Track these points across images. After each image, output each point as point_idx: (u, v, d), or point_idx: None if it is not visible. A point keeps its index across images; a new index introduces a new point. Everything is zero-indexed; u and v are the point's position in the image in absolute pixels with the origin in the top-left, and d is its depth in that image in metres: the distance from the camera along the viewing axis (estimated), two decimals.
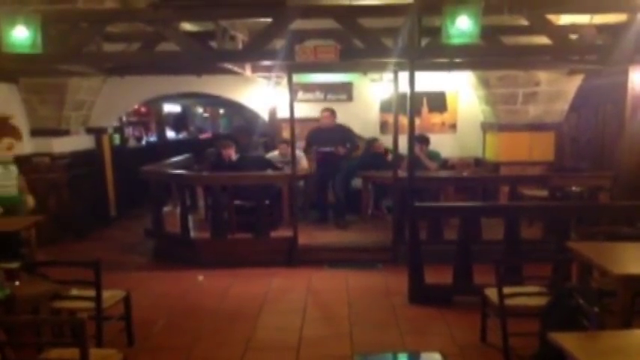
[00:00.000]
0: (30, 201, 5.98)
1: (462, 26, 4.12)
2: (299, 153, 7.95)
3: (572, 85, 7.30)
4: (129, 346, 4.06)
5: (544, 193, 6.98)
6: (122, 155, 9.53)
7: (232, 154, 7.42)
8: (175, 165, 7.81)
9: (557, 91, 7.33)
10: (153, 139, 14.31)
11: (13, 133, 5.80)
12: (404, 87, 5.17)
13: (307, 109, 8.41)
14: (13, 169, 5.93)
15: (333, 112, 7.34)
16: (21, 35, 4.24)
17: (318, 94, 8.51)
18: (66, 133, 7.63)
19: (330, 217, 7.46)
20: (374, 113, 8.54)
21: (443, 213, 6.03)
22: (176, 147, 12.04)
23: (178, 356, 4.00)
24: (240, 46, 5.34)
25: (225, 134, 15.09)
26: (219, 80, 8.04)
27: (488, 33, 4.81)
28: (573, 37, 5.21)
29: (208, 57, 5.16)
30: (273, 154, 7.88)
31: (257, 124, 9.47)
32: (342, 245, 6.45)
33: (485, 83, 7.51)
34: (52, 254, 6.17)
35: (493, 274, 3.70)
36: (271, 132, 8.82)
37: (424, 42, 4.71)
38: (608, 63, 5.36)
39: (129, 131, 13.05)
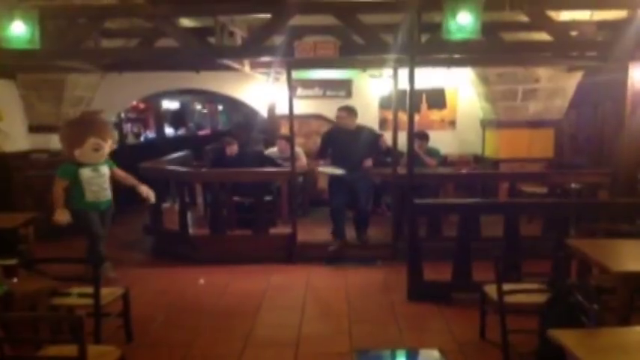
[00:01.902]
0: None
1: (463, 22, 4.10)
2: (298, 149, 7.94)
3: (572, 82, 7.29)
4: (127, 342, 4.05)
5: (543, 190, 6.98)
6: (120, 152, 9.48)
7: (235, 150, 7.47)
8: (174, 161, 7.80)
9: (557, 87, 7.32)
10: (151, 135, 14.29)
11: (100, 131, 5.16)
12: (403, 83, 5.16)
13: (306, 106, 8.42)
14: (104, 170, 5.30)
15: (350, 112, 6.05)
16: (19, 31, 4.22)
17: (317, 91, 8.50)
18: None
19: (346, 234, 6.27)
20: (373, 110, 8.53)
21: (442, 210, 6.02)
22: (175, 143, 12.01)
23: (177, 353, 3.99)
24: (239, 42, 5.32)
25: (225, 131, 15.07)
26: (217, 76, 8.03)
27: (488, 29, 4.79)
28: (573, 33, 5.20)
29: (207, 53, 5.13)
30: (272, 151, 7.87)
31: (256, 120, 9.45)
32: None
33: (484, 80, 7.50)
34: (51, 251, 6.15)
35: (492, 270, 3.69)
36: (270, 128, 8.80)
37: (424, 38, 4.70)
38: (608, 59, 5.35)
39: (127, 127, 13.03)
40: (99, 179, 5.22)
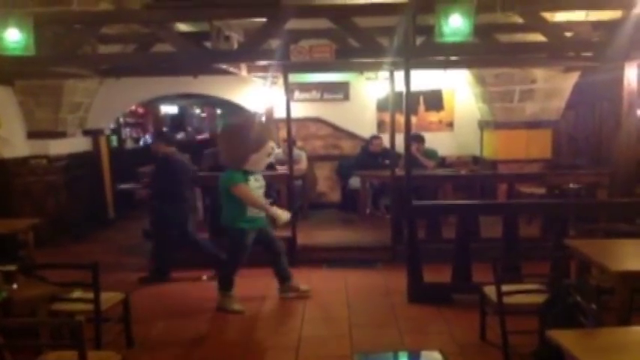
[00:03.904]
0: None
1: (455, 24, 4.12)
2: (300, 152, 7.95)
3: (569, 82, 7.30)
4: (128, 347, 4.05)
5: (542, 190, 6.99)
6: (120, 156, 9.51)
7: None
8: None
9: (554, 88, 7.33)
10: (150, 140, 14.28)
11: (273, 135, 4.77)
12: (400, 86, 5.17)
13: (304, 109, 8.43)
14: (263, 180, 4.81)
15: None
16: (13, 37, 4.22)
17: (315, 94, 8.51)
18: (63, 135, 7.62)
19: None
20: (370, 112, 8.54)
21: (441, 211, 6.03)
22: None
23: (177, 358, 3.99)
24: (235, 46, 5.32)
25: None
26: (215, 81, 8.04)
27: (484, 31, 4.81)
28: (569, 34, 5.21)
29: (203, 57, 5.14)
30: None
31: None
32: (341, 245, 6.44)
33: (481, 81, 7.52)
34: (50, 256, 6.14)
35: (492, 272, 3.69)
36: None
37: (419, 41, 4.71)
38: (604, 60, 5.36)
39: (126, 132, 13.02)
40: (260, 190, 4.67)
